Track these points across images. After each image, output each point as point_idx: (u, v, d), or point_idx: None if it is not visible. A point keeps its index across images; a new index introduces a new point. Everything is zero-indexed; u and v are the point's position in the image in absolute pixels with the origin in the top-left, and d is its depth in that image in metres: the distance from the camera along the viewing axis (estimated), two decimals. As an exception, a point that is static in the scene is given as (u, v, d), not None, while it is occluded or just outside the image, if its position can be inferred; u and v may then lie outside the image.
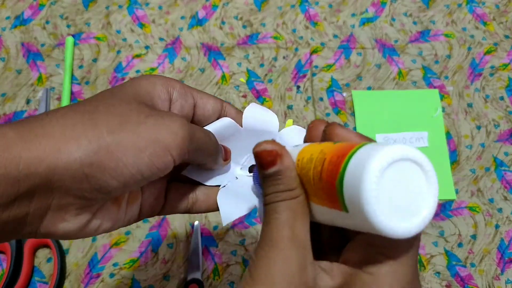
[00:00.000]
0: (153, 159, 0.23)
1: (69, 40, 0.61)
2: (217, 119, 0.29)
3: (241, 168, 0.32)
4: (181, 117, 0.24)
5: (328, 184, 0.20)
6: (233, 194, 0.30)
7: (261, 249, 0.22)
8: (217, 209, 0.30)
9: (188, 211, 0.30)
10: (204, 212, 0.30)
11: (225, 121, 0.29)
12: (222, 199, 0.29)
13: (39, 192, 0.22)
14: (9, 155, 0.20)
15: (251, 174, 0.31)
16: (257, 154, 0.22)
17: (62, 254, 0.50)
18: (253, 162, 0.31)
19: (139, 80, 0.26)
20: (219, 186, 0.30)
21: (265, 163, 0.22)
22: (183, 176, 0.30)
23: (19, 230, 0.23)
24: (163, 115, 0.24)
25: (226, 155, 0.30)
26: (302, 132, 0.31)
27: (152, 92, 0.26)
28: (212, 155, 0.28)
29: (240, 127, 0.30)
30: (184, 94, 0.27)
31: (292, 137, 0.32)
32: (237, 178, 0.32)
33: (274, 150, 0.22)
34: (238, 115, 0.30)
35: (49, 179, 0.21)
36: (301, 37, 0.63)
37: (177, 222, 0.52)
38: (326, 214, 0.22)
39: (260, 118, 0.30)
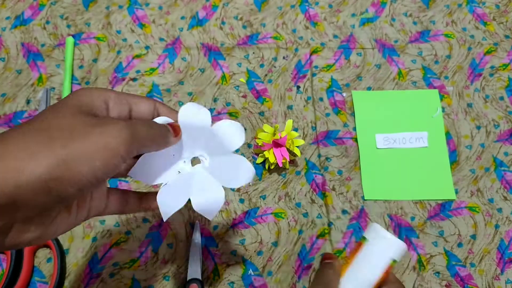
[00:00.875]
0: (105, 163, 0.26)
1: (69, 40, 0.61)
2: (153, 118, 0.33)
3: (184, 162, 0.35)
4: (121, 121, 0.27)
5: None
6: (173, 190, 0.34)
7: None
8: (148, 210, 0.35)
9: (122, 212, 0.35)
10: (135, 212, 0.35)
11: (162, 120, 0.32)
12: (162, 198, 0.33)
13: (4, 211, 0.23)
14: None
15: (194, 167, 0.36)
16: (323, 256, 0.38)
17: (62, 254, 0.50)
18: (194, 155, 0.36)
19: (77, 94, 0.29)
20: (160, 184, 0.34)
21: (325, 257, 0.38)
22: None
23: None
24: (107, 122, 0.27)
25: (175, 132, 0.32)
26: (234, 126, 0.34)
27: (91, 104, 0.29)
28: (160, 140, 0.31)
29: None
30: (119, 102, 0.31)
31: (224, 132, 0.34)
32: (179, 172, 0.35)
33: (329, 255, 0.39)
34: (171, 114, 0.33)
35: (14, 199, 0.23)
36: (301, 37, 0.63)
37: (177, 222, 0.52)
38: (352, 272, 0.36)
39: (193, 115, 0.34)
